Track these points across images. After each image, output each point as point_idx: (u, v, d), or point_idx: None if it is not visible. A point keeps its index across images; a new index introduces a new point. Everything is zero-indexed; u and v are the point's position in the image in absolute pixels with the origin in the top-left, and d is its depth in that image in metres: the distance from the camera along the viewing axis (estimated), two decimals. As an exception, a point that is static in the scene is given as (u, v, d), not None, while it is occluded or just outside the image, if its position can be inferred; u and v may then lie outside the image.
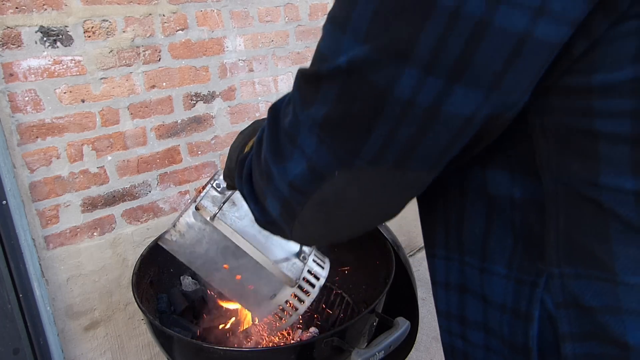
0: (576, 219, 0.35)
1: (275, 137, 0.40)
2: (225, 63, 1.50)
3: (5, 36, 1.11)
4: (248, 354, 0.99)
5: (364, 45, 0.31)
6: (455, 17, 0.28)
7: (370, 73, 0.31)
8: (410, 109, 0.31)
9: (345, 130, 0.34)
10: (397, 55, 0.30)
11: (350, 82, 0.32)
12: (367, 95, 0.32)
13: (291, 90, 0.39)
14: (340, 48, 0.32)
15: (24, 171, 1.19)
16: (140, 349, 1.53)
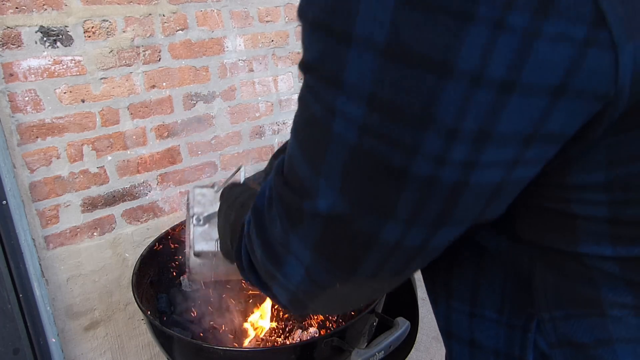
0: (561, 270, 0.35)
1: (267, 243, 0.40)
2: (225, 63, 1.50)
3: (5, 36, 1.11)
4: (248, 354, 0.99)
5: (340, 200, 0.31)
6: (430, 183, 0.28)
7: (352, 224, 0.32)
8: (397, 249, 0.32)
9: (337, 257, 0.34)
10: (377, 214, 0.31)
11: (333, 227, 0.33)
12: (353, 238, 0.32)
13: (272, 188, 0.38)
14: (316, 189, 0.32)
15: (24, 171, 1.19)
16: (140, 349, 1.53)
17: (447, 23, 0.24)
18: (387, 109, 0.27)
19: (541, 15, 0.23)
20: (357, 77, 0.27)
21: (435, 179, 0.28)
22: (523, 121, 0.26)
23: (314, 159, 0.32)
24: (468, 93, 0.25)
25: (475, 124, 0.26)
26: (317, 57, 0.30)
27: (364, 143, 0.28)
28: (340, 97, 0.28)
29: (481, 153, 0.27)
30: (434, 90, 0.25)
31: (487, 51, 0.24)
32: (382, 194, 0.30)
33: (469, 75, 0.24)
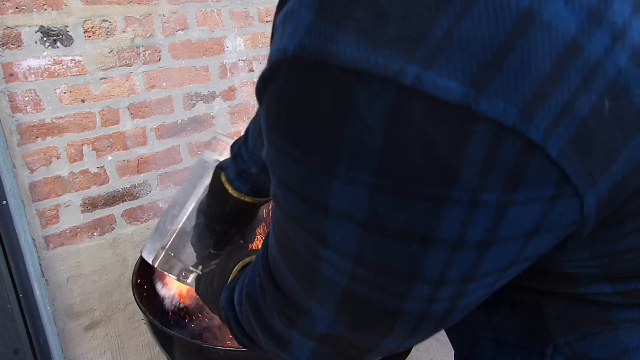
0: (569, 302, 0.36)
1: (268, 329, 0.40)
2: (225, 63, 1.50)
3: (5, 36, 1.11)
4: (248, 354, 0.99)
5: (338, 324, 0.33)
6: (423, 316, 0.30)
7: (352, 340, 0.33)
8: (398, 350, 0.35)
9: (341, 352, 0.36)
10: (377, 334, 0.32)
11: (333, 344, 0.34)
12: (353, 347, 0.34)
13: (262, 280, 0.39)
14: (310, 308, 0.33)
15: (24, 171, 1.19)
16: (140, 349, 1.53)
17: (424, 207, 0.24)
18: (374, 267, 0.28)
19: (511, 190, 0.24)
20: (340, 240, 0.28)
21: (427, 312, 0.30)
22: (502, 260, 0.28)
23: (305, 284, 0.33)
24: (450, 255, 0.26)
25: (460, 273, 0.27)
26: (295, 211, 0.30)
27: (355, 288, 0.30)
28: (325, 249, 0.29)
29: (467, 288, 0.29)
30: (418, 256, 0.26)
31: (465, 224, 0.25)
32: (379, 324, 0.31)
33: (449, 242, 0.26)
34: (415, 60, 0.22)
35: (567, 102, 0.22)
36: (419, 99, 0.22)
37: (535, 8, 0.21)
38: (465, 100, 0.21)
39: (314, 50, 0.23)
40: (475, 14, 0.21)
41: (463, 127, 0.22)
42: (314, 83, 0.24)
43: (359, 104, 0.23)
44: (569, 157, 0.23)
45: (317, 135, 0.25)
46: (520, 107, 0.22)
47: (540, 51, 0.21)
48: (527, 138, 0.22)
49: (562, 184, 0.24)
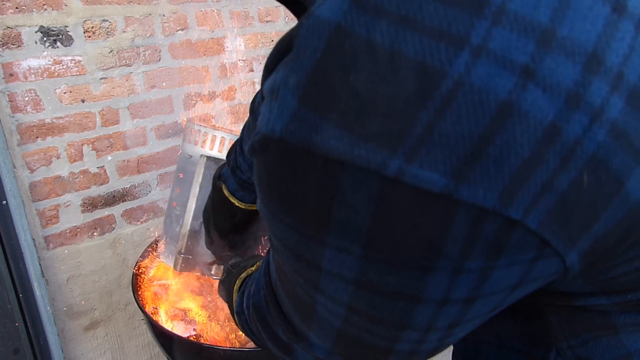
0: (570, 311, 0.36)
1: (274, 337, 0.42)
2: (225, 63, 1.50)
3: (5, 36, 1.11)
4: (248, 354, 0.99)
5: (334, 354, 0.35)
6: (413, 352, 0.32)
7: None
8: None
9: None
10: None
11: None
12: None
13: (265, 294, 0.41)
14: (308, 336, 0.35)
15: (24, 171, 1.19)
16: (140, 349, 1.53)
17: (410, 273, 0.26)
18: (366, 316, 0.29)
19: (493, 258, 0.25)
20: (333, 292, 0.29)
21: (416, 350, 0.32)
22: (487, 307, 0.29)
23: (302, 317, 0.35)
24: (437, 310, 0.28)
25: (447, 322, 0.29)
26: (289, 264, 0.31)
27: (348, 329, 0.31)
28: (320, 295, 0.30)
29: (454, 331, 0.30)
30: (406, 310, 0.28)
31: (450, 286, 0.26)
32: (372, 357, 0.33)
33: (436, 301, 0.27)
34: (397, 154, 0.22)
35: (546, 181, 0.23)
36: (402, 188, 0.23)
37: (513, 100, 0.21)
38: (446, 190, 0.22)
39: (299, 138, 0.24)
40: (454, 110, 0.21)
41: (445, 212, 0.23)
42: (301, 167, 0.25)
43: (345, 190, 0.24)
44: (549, 226, 0.24)
45: (306, 211, 0.26)
46: (499, 192, 0.22)
47: (519, 140, 0.22)
48: (506, 217, 0.23)
49: (543, 248, 0.25)
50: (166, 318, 1.12)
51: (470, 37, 0.21)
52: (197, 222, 0.86)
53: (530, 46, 0.22)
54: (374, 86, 0.22)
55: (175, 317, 1.13)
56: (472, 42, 0.21)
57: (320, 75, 0.23)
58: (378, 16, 0.22)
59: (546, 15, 0.22)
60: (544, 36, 0.22)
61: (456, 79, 0.21)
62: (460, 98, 0.21)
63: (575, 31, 0.22)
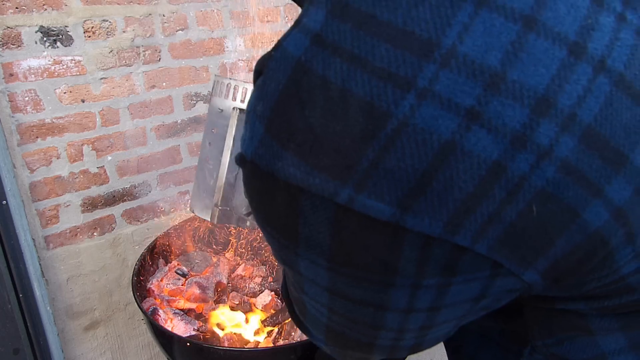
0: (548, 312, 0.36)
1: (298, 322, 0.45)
2: (225, 63, 1.50)
3: (5, 36, 1.11)
4: (248, 354, 0.99)
5: (329, 343, 0.37)
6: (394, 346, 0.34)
7: (345, 353, 0.38)
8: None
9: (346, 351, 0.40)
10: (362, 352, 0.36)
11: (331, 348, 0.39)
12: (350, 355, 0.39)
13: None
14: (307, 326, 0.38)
15: (24, 171, 1.19)
16: (140, 349, 1.53)
17: (373, 287, 0.27)
18: (344, 317, 0.32)
19: (448, 276, 0.26)
20: (314, 294, 0.32)
21: (397, 345, 0.33)
22: (455, 313, 0.30)
23: (299, 311, 0.38)
24: (404, 316, 0.29)
25: (417, 325, 0.30)
26: (279, 262, 0.34)
27: (333, 326, 0.34)
28: (305, 296, 0.33)
29: (428, 332, 0.32)
30: (377, 315, 0.30)
31: (411, 298, 0.28)
32: (360, 348, 0.35)
33: (401, 309, 0.29)
34: (346, 185, 0.24)
35: (492, 212, 0.23)
36: (353, 215, 0.24)
37: (456, 140, 0.22)
38: (392, 219, 0.24)
39: (265, 163, 0.26)
40: (398, 148, 0.23)
41: (394, 237, 0.24)
42: (268, 188, 0.27)
43: (306, 212, 0.26)
44: (499, 250, 0.25)
45: (278, 224, 0.28)
46: (444, 222, 0.23)
47: (462, 176, 0.23)
48: (453, 243, 0.24)
49: (497, 267, 0.26)
50: (166, 318, 1.12)
51: (417, 79, 0.22)
52: (232, 175, 0.87)
53: (477, 89, 0.22)
54: (327, 122, 0.24)
55: (175, 316, 1.13)
56: (418, 84, 0.22)
57: (281, 107, 0.25)
58: (334, 54, 0.24)
59: (496, 58, 0.22)
60: (492, 79, 0.22)
61: (401, 120, 0.22)
62: (404, 137, 0.22)
63: (526, 74, 0.22)
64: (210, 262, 1.35)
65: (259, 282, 1.33)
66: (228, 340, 1.09)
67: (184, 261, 1.32)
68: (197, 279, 1.24)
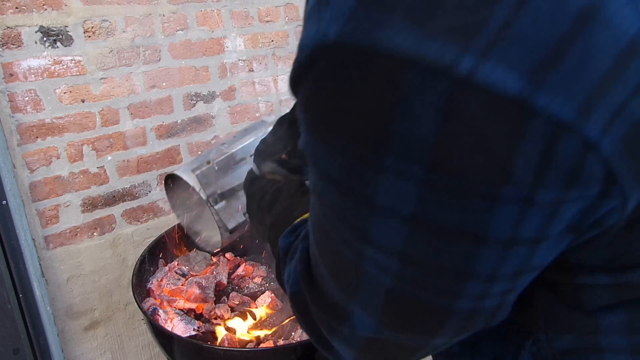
0: (560, 295, 0.36)
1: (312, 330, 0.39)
2: (225, 63, 1.50)
3: (5, 36, 1.11)
4: (248, 354, 0.99)
5: (382, 328, 0.31)
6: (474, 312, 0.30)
7: (398, 341, 0.32)
8: (443, 346, 0.34)
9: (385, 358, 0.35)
10: (424, 335, 0.31)
11: (376, 342, 0.33)
12: (399, 348, 0.33)
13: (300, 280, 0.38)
14: (351, 310, 0.32)
15: (24, 171, 1.19)
16: (140, 349, 1.53)
17: (477, 205, 0.24)
18: (422, 266, 0.27)
19: (566, 188, 0.23)
20: (385, 237, 0.27)
21: (477, 309, 0.29)
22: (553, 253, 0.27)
23: (346, 289, 0.32)
24: (502, 253, 0.25)
25: (512, 269, 0.27)
26: (337, 206, 0.28)
27: (401, 288, 0.28)
28: (369, 248, 0.28)
29: (518, 282, 0.28)
30: (470, 254, 0.25)
31: (518, 222, 0.24)
32: (427, 324, 0.30)
33: (502, 241, 0.25)
34: (471, 51, 0.20)
35: (623, 102, 0.21)
36: (473, 91, 0.21)
37: (597, 4, 0.20)
38: (521, 95, 0.21)
39: (359, 36, 0.22)
40: (532, 7, 0.20)
41: (518, 122, 0.21)
42: (359, 71, 0.23)
43: (410, 95, 0.22)
44: (620, 157, 0.22)
45: (363, 126, 0.24)
46: (579, 104, 0.21)
47: (600, 48, 0.20)
48: (583, 136, 0.21)
49: (610, 183, 0.23)
50: (166, 318, 1.12)
51: None
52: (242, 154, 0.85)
53: None
54: None
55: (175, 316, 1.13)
56: None
57: None
58: None
59: None
60: None
61: None
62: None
63: None
64: (210, 262, 1.35)
65: (259, 282, 1.33)
66: (228, 340, 1.09)
67: (184, 261, 1.32)
68: (197, 279, 1.24)
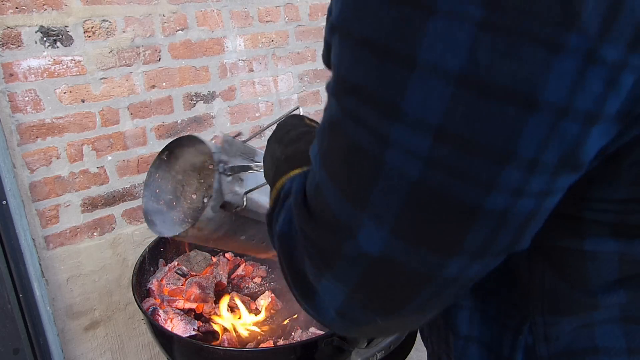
0: (561, 271, 0.35)
1: (295, 275, 0.36)
2: (225, 63, 1.50)
3: (5, 36, 1.11)
4: (248, 354, 0.99)
5: (394, 239, 0.28)
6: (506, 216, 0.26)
7: (408, 264, 0.28)
8: (454, 283, 0.30)
9: (382, 299, 0.31)
10: (441, 253, 0.27)
11: (381, 268, 0.29)
12: (406, 278, 0.29)
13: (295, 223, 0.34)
14: (358, 225, 0.28)
15: (24, 171, 1.19)
16: (140, 349, 1.53)
17: (535, 52, 0.22)
18: (460, 142, 0.24)
19: (632, 48, 0.22)
20: (421, 107, 0.24)
21: (510, 211, 0.26)
22: (596, 148, 0.25)
23: (355, 193, 0.28)
24: (553, 126, 0.23)
25: (557, 155, 0.24)
26: (364, 79, 0.26)
27: (429, 178, 0.25)
28: (398, 126, 0.25)
29: (557, 181, 0.26)
30: (517, 124, 0.23)
31: (576, 84, 0.22)
32: (448, 232, 0.27)
33: (555, 108, 0.23)
34: None
35: None
36: None
37: None
38: None
39: None
40: None
41: None
42: None
43: None
44: None
45: None
46: None
47: None
48: None
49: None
50: (166, 318, 1.12)
51: None
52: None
53: None
54: None
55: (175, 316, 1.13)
56: None
57: None
58: None
59: None
60: None
61: None
62: None
63: None
64: (210, 262, 1.35)
65: (259, 282, 1.33)
66: (228, 340, 1.09)
67: (184, 261, 1.32)
68: (197, 279, 1.24)
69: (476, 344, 0.42)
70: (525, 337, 0.38)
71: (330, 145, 0.30)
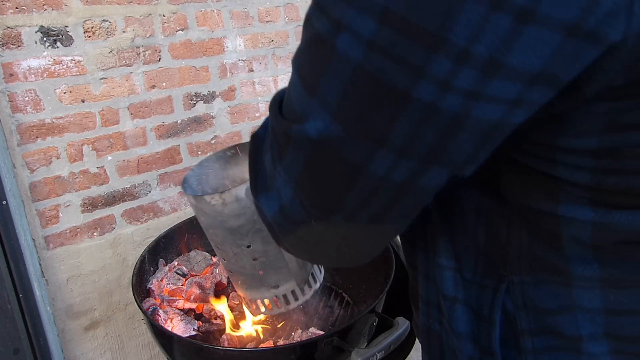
0: (537, 234, 0.36)
1: (254, 170, 0.39)
2: (225, 63, 1.50)
3: (5, 36, 1.11)
4: (248, 354, 0.99)
5: (334, 123, 0.30)
6: (431, 110, 0.27)
7: (342, 150, 0.30)
8: (384, 183, 0.31)
9: (318, 193, 0.34)
10: (370, 140, 0.29)
11: (320, 154, 0.32)
12: (340, 168, 0.31)
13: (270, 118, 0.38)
14: (308, 112, 0.31)
15: (24, 171, 1.20)
16: (140, 349, 1.53)
17: None
18: (399, 25, 0.25)
19: None
20: None
21: (436, 105, 0.27)
22: (534, 57, 0.25)
23: (310, 81, 0.31)
24: (486, 14, 0.24)
25: (487, 49, 0.25)
26: None
27: (369, 61, 0.27)
28: (349, 11, 0.27)
29: (487, 85, 0.26)
30: (453, 8, 0.24)
31: None
32: (379, 119, 0.28)
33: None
34: None
35: None
36: None
37: None
38: None
39: None
40: None
41: None
42: None
43: None
44: None
45: None
46: None
47: None
48: None
49: None
50: (166, 318, 1.12)
51: None
52: None
53: None
54: None
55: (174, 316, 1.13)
56: None
57: None
58: None
59: None
60: None
61: None
62: None
63: None
64: (210, 262, 1.35)
65: (259, 282, 1.33)
66: (228, 340, 1.09)
67: (184, 261, 1.32)
68: (197, 279, 1.24)
69: (462, 305, 0.43)
70: (503, 297, 0.39)
71: (301, 41, 0.33)
